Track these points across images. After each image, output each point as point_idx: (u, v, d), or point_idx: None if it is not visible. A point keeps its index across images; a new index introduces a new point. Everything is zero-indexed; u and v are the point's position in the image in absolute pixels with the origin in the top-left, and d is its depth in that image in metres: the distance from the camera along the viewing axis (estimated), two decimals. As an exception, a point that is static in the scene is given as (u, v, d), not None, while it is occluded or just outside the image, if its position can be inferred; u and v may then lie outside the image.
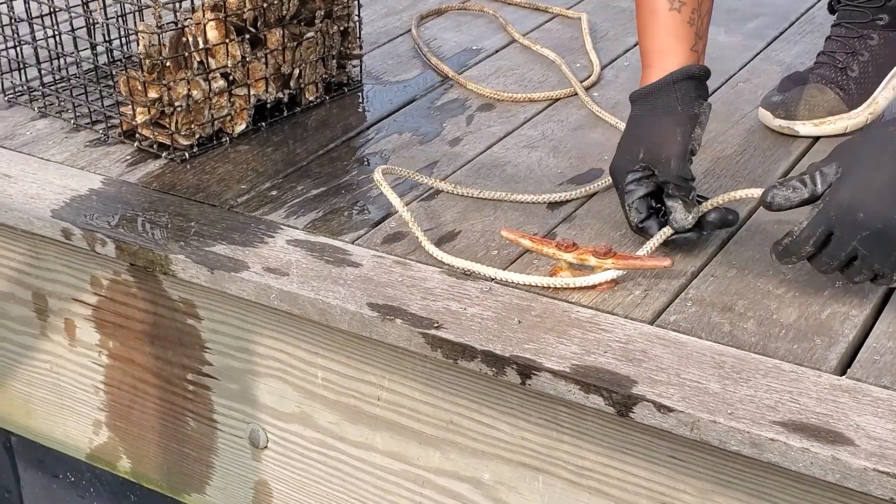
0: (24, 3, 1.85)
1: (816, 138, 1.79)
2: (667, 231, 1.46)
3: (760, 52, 2.16)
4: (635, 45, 2.18)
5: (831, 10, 1.88)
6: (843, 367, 1.27)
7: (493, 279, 1.42)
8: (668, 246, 1.48)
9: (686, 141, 1.47)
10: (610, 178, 1.54)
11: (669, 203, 1.46)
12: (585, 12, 2.31)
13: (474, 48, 2.19)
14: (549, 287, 1.40)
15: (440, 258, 1.45)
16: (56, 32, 1.87)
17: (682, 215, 1.45)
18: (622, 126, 1.81)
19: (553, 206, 1.61)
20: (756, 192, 1.40)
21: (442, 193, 1.65)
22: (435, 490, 1.49)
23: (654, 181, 1.47)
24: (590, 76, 2.03)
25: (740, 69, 2.08)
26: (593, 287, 1.40)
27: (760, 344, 1.30)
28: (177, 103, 1.70)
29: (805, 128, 1.79)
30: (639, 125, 1.51)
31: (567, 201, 1.62)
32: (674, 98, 1.49)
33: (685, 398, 1.21)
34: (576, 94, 1.97)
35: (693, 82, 1.50)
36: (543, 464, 1.39)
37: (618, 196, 1.52)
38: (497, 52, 2.18)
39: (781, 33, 2.24)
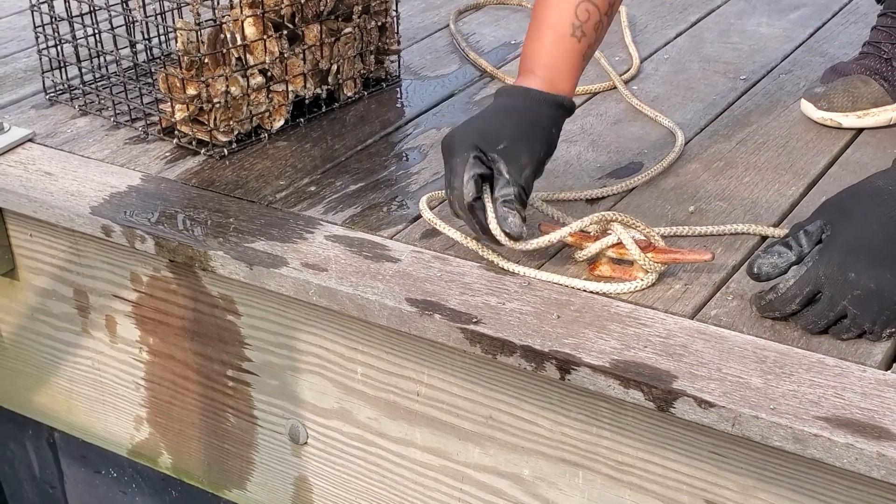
0: (65, 2, 1.86)
1: (860, 130, 1.77)
2: (499, 232, 1.39)
3: (803, 42, 2.13)
4: (675, 38, 2.17)
5: (878, 0, 1.86)
6: (889, 362, 1.25)
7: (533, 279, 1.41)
8: (706, 239, 1.46)
9: (543, 161, 1.45)
10: (455, 145, 1.42)
11: (506, 207, 1.39)
12: (625, 5, 2.29)
13: (513, 42, 2.18)
14: (591, 291, 1.39)
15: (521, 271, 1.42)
16: (96, 31, 1.88)
17: (517, 220, 1.38)
18: (662, 119, 1.81)
19: (592, 200, 1.60)
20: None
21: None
22: (475, 486, 1.49)
23: (489, 170, 1.41)
24: (629, 69, 2.02)
25: (782, 60, 2.05)
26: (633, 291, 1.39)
27: (803, 339, 1.28)
28: (215, 100, 1.70)
29: (848, 119, 1.76)
30: (510, 117, 1.45)
31: (606, 196, 1.61)
32: (551, 118, 1.46)
33: (726, 393, 1.19)
34: (615, 87, 1.96)
35: (566, 115, 1.49)
36: (584, 459, 1.38)
37: (448, 163, 1.42)
38: (536, 46, 2.16)
39: (824, 24, 2.21)
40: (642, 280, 1.38)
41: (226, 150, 1.74)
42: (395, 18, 1.95)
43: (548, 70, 1.48)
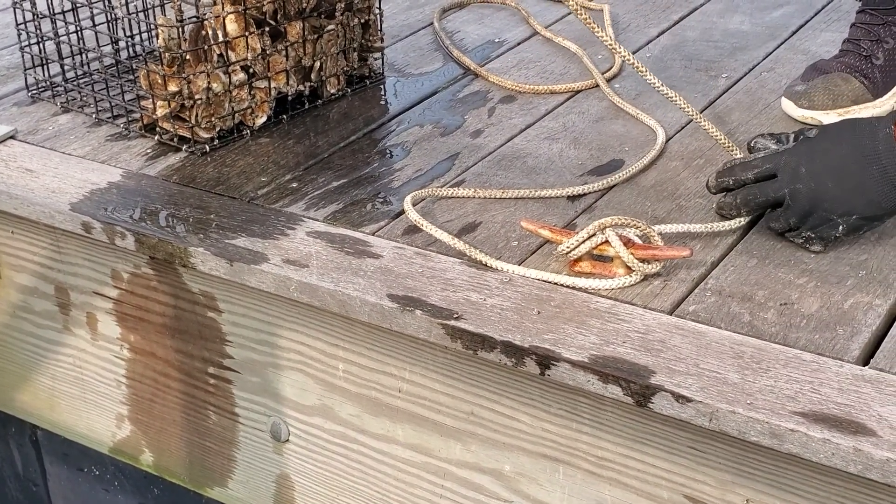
0: (47, -1, 1.86)
1: (841, 127, 1.77)
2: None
3: (785, 40, 2.14)
4: (658, 36, 2.18)
5: (857, -3, 1.87)
6: (866, 358, 1.26)
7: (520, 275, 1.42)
8: (686, 236, 1.47)
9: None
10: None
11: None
12: (608, 4, 2.29)
13: (496, 41, 2.18)
14: (578, 288, 1.39)
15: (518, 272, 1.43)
16: (78, 28, 1.87)
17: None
18: (643, 117, 1.81)
19: (573, 197, 1.60)
20: None
21: (464, 183, 1.64)
22: (456, 482, 1.49)
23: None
24: (611, 68, 2.02)
25: (764, 58, 2.06)
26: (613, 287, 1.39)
27: (781, 334, 1.29)
28: (197, 96, 1.70)
29: (829, 117, 1.77)
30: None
31: (587, 193, 1.61)
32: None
33: (703, 388, 1.20)
34: (597, 85, 1.96)
35: None
36: (564, 455, 1.38)
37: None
38: (519, 44, 2.17)
39: (807, 22, 2.22)
40: (630, 278, 1.38)
41: (207, 147, 1.74)
42: (378, 16, 1.95)
43: None
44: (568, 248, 1.41)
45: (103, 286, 1.68)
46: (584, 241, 1.40)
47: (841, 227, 1.41)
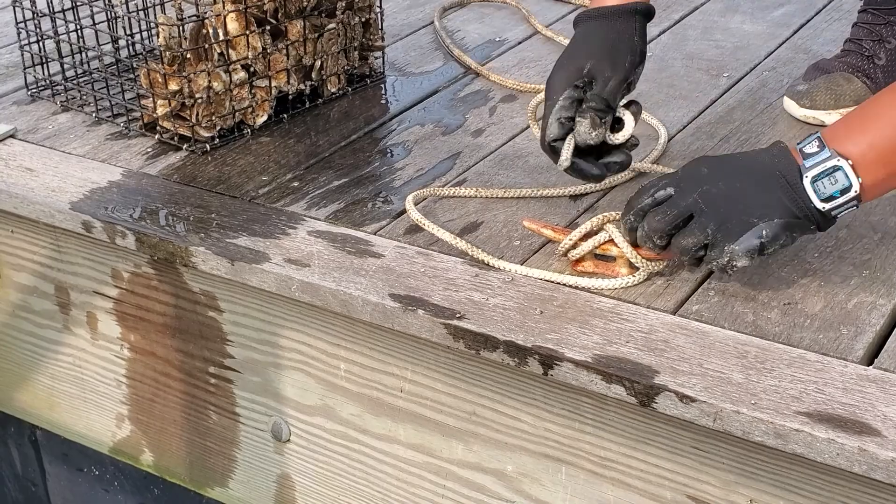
0: (47, -3, 1.85)
1: (843, 127, 1.77)
2: (570, 142, 1.44)
3: (787, 40, 2.13)
4: (659, 35, 2.17)
5: (859, -3, 1.87)
6: (871, 357, 1.26)
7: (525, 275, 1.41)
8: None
9: (630, 72, 1.46)
10: (548, 91, 1.47)
11: (579, 116, 1.43)
12: (609, 2, 2.29)
13: (497, 40, 2.18)
14: (583, 288, 1.39)
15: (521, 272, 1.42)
16: (78, 27, 1.87)
17: (586, 129, 1.42)
18: (645, 116, 1.80)
19: (575, 197, 1.60)
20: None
21: (465, 183, 1.64)
22: (458, 482, 1.48)
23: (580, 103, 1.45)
24: (613, 66, 2.01)
25: (766, 57, 2.05)
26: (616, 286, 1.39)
27: (785, 334, 1.29)
28: (197, 95, 1.69)
29: (830, 117, 1.76)
30: (589, 40, 1.47)
31: (589, 193, 1.61)
32: (633, 27, 1.47)
33: (708, 388, 1.19)
34: (599, 84, 1.95)
35: (647, 21, 1.50)
36: (566, 455, 1.38)
37: (545, 108, 1.46)
38: (520, 43, 2.16)
39: (808, 21, 2.22)
40: (633, 277, 1.38)
41: (208, 146, 1.73)
42: (379, 15, 1.95)
43: None
44: (570, 241, 1.40)
45: (103, 285, 1.68)
46: (585, 235, 1.39)
47: (764, 232, 1.26)
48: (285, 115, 1.83)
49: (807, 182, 1.26)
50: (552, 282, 1.39)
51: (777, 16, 2.25)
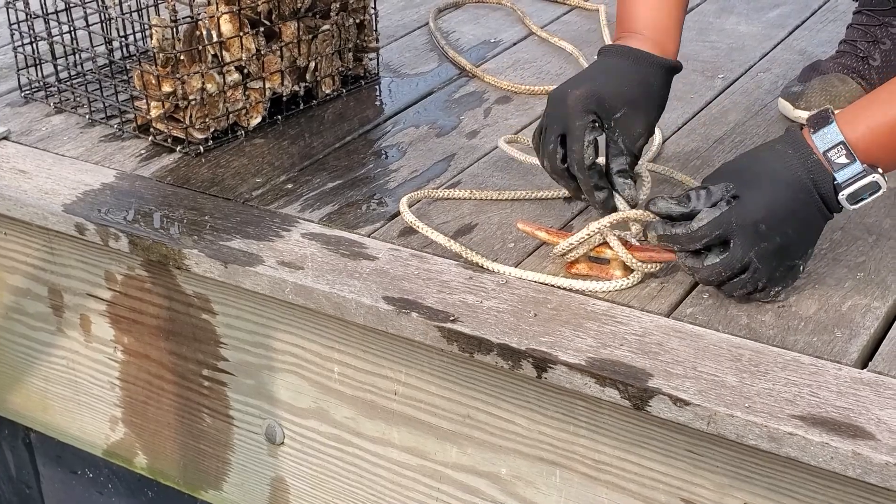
0: (40, -1, 1.85)
1: (838, 129, 1.77)
2: (621, 201, 1.44)
3: (782, 41, 2.13)
4: (654, 36, 2.16)
5: (853, -2, 1.86)
6: (865, 361, 1.25)
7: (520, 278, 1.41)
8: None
9: (654, 125, 1.47)
10: (574, 106, 1.41)
11: (623, 178, 1.43)
12: (604, 4, 2.28)
13: (492, 41, 2.17)
14: (576, 290, 1.38)
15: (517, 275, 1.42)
16: (72, 28, 1.86)
17: (631, 191, 1.43)
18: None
19: (569, 199, 1.60)
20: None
21: (460, 185, 1.64)
22: (452, 485, 1.48)
23: (603, 138, 1.43)
24: (608, 67, 2.01)
25: (761, 59, 2.05)
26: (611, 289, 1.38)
27: (779, 337, 1.28)
28: (191, 97, 1.69)
29: (826, 118, 1.76)
30: (625, 82, 1.44)
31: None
32: (664, 83, 1.46)
33: (702, 391, 1.19)
34: (594, 85, 1.95)
35: (674, 75, 1.49)
36: (560, 458, 1.37)
37: (562, 122, 1.42)
38: (515, 44, 2.16)
39: (803, 22, 2.21)
40: (627, 280, 1.37)
41: (202, 148, 1.73)
42: (373, 16, 1.95)
43: (654, 31, 1.47)
44: (566, 248, 1.40)
45: (97, 288, 1.67)
46: (582, 243, 1.39)
47: (801, 267, 1.34)
48: (279, 117, 1.83)
49: (842, 197, 1.29)
50: (546, 284, 1.39)
51: (772, 17, 2.25)
